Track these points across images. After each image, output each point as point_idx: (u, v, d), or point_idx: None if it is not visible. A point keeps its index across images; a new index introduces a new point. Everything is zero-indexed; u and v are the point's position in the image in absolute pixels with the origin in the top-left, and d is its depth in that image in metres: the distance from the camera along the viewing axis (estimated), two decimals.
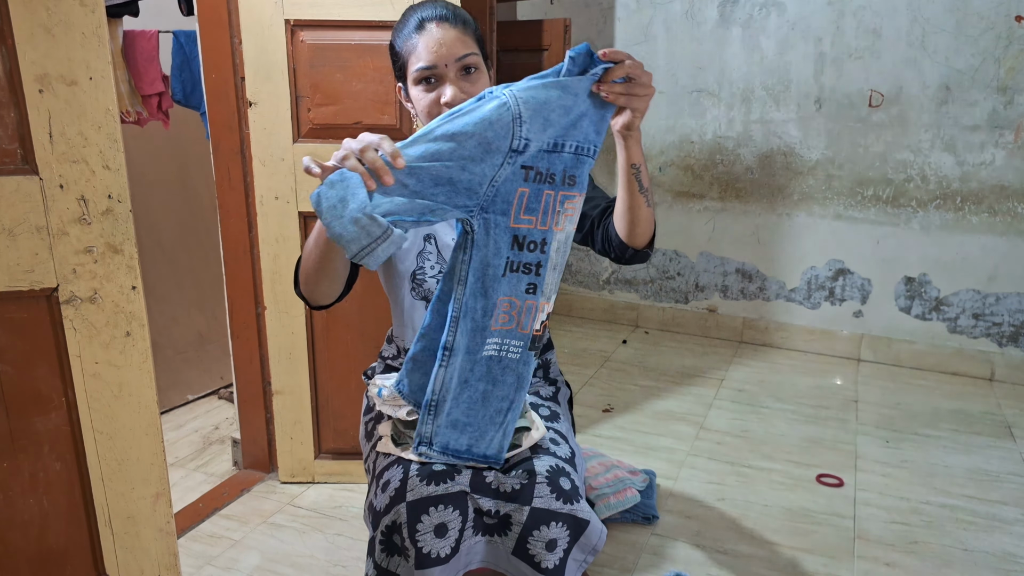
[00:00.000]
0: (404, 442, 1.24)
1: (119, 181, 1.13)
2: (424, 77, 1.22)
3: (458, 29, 1.22)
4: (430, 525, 1.12)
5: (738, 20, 3.19)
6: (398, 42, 1.25)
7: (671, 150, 3.45)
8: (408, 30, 1.23)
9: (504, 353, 1.11)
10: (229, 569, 1.80)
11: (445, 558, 1.13)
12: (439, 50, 1.20)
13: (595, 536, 1.19)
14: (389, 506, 1.15)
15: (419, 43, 1.21)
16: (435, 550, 1.12)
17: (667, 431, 2.55)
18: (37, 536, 1.19)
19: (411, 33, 1.22)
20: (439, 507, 1.13)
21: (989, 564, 1.83)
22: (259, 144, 1.91)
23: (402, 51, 1.24)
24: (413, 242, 1.35)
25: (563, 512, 1.16)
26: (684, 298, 3.61)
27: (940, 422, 2.64)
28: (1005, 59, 2.79)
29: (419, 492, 1.14)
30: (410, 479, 1.17)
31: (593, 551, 1.19)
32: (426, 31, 1.21)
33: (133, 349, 1.20)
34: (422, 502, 1.13)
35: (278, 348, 2.05)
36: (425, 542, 1.11)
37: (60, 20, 1.05)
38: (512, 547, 1.16)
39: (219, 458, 2.35)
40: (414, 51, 1.22)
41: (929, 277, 3.09)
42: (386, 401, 1.24)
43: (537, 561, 1.15)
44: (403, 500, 1.14)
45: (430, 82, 1.22)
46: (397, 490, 1.16)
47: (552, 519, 1.15)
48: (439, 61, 1.20)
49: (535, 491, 1.16)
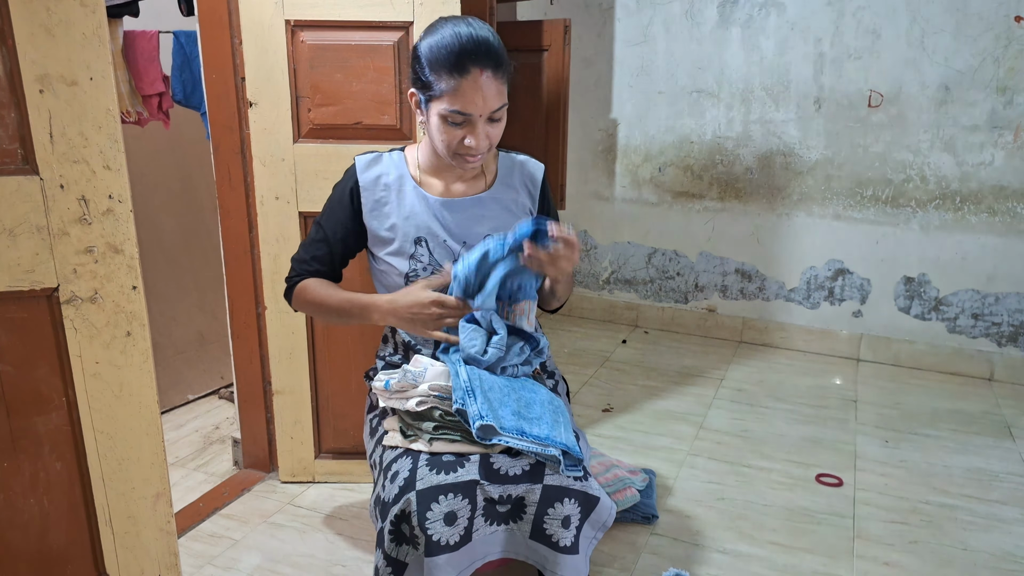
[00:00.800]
0: (412, 434, 1.25)
1: (120, 181, 1.14)
2: (455, 121, 1.23)
3: (499, 79, 1.22)
4: (439, 513, 1.13)
5: (738, 20, 3.20)
6: (431, 63, 1.21)
7: (670, 150, 3.45)
8: (449, 63, 1.19)
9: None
10: (229, 569, 1.80)
11: (454, 546, 1.14)
12: (478, 102, 1.21)
13: (605, 512, 1.22)
14: (398, 496, 1.16)
15: (461, 87, 1.19)
16: (444, 537, 1.13)
17: (667, 431, 2.55)
18: (37, 536, 1.19)
19: (452, 69, 1.19)
20: (448, 495, 1.15)
21: (988, 564, 1.84)
22: (259, 144, 1.91)
23: (435, 78, 1.21)
24: (403, 245, 1.36)
25: (575, 488, 1.18)
26: (684, 298, 3.62)
27: (939, 422, 2.64)
28: (1005, 59, 2.79)
29: (429, 481, 1.16)
30: (419, 468, 1.19)
31: (603, 527, 1.22)
32: (470, 78, 1.19)
33: (134, 349, 1.20)
34: (432, 490, 1.15)
35: (278, 348, 2.05)
36: (435, 530, 1.12)
37: (60, 20, 1.05)
38: (529, 531, 1.18)
39: (219, 458, 2.36)
40: (452, 91, 1.20)
41: (928, 277, 3.09)
42: (394, 394, 1.25)
43: (555, 540, 1.17)
44: (413, 489, 1.15)
45: (457, 123, 1.23)
46: (407, 480, 1.17)
47: (565, 495, 1.17)
48: (475, 112, 1.21)
49: (546, 469, 1.19)
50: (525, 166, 1.46)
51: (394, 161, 1.41)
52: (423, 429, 1.22)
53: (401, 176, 1.39)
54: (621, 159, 3.56)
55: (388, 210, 1.38)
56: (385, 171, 1.40)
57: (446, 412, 1.22)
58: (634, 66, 3.42)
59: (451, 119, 1.23)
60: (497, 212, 1.40)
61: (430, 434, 1.22)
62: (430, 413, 1.23)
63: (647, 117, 3.46)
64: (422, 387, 1.22)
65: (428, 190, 1.39)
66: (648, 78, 3.41)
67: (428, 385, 1.21)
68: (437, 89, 1.22)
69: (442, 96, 1.22)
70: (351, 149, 1.90)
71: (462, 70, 1.19)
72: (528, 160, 1.47)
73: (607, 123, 3.55)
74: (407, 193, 1.38)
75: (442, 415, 1.22)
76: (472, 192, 1.40)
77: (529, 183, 1.45)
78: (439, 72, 1.21)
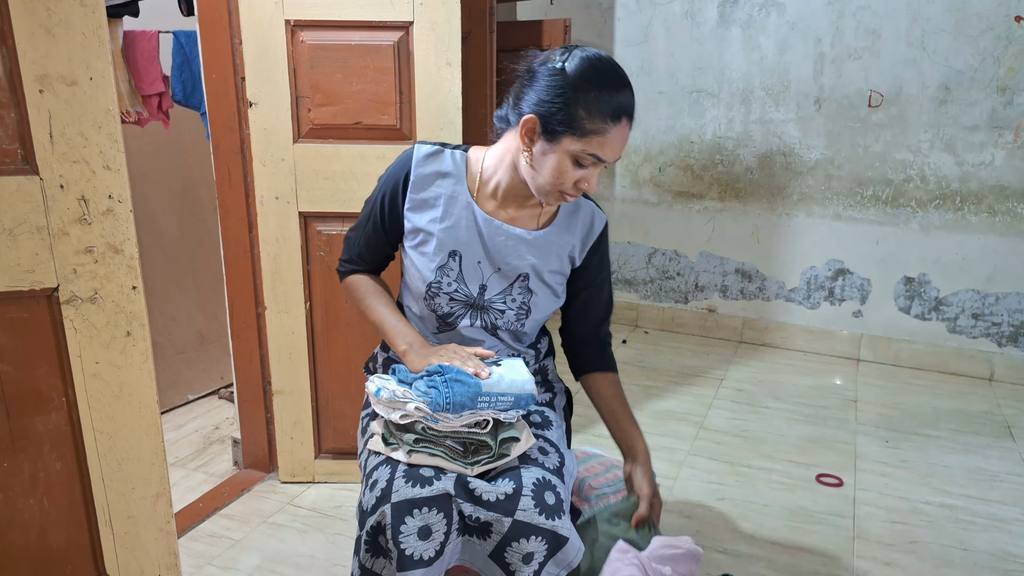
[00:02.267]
0: (393, 443, 1.24)
1: (119, 181, 1.14)
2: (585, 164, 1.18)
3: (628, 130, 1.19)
4: (413, 527, 1.12)
5: (738, 20, 3.20)
6: (589, 104, 1.13)
7: (671, 150, 3.45)
8: (611, 108, 1.13)
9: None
10: (229, 569, 1.80)
11: (428, 561, 1.12)
12: (617, 151, 1.17)
13: (572, 553, 1.18)
14: (375, 506, 1.15)
15: (611, 134, 1.14)
16: (418, 552, 1.11)
17: (667, 431, 2.55)
18: (37, 536, 1.19)
19: (610, 115, 1.13)
20: (423, 509, 1.13)
21: (988, 564, 1.84)
22: (259, 144, 1.91)
23: (583, 117, 1.13)
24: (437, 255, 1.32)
25: (544, 527, 1.15)
26: (684, 298, 3.62)
27: (940, 422, 2.64)
28: (1004, 59, 2.79)
29: (403, 494, 1.14)
30: (396, 479, 1.17)
31: (568, 567, 1.19)
32: (620, 127, 1.15)
33: (133, 349, 1.20)
34: (406, 504, 1.13)
35: (278, 348, 2.05)
36: (408, 544, 1.11)
37: (60, 20, 1.05)
38: (490, 551, 1.17)
39: (219, 458, 2.36)
40: (600, 136, 1.14)
41: (928, 277, 3.09)
42: (380, 402, 1.24)
43: (512, 571, 1.16)
44: (388, 501, 1.14)
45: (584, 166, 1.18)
46: (383, 490, 1.16)
47: (532, 532, 1.14)
48: (610, 160, 1.18)
49: (519, 503, 1.15)
50: (589, 213, 1.37)
51: (456, 162, 1.32)
52: (404, 440, 1.22)
53: (457, 182, 1.31)
54: (621, 159, 3.56)
55: (432, 212, 1.32)
56: (442, 170, 1.32)
57: (428, 427, 1.21)
58: (634, 66, 3.42)
59: (582, 162, 1.17)
60: (544, 253, 1.33)
61: (410, 446, 1.21)
62: (412, 426, 1.22)
63: (647, 117, 3.46)
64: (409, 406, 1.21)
65: (481, 204, 1.31)
66: (648, 78, 3.41)
67: (415, 406, 1.20)
68: (584, 129, 1.14)
69: (586, 137, 1.14)
70: (351, 149, 1.90)
71: (617, 118, 1.14)
72: (595, 209, 1.38)
73: None
74: (459, 203, 1.30)
75: (424, 429, 1.21)
76: (526, 225, 1.33)
77: (586, 231, 1.37)
78: (593, 113, 1.13)
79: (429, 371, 1.22)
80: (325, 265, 2.00)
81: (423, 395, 1.19)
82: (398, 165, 1.34)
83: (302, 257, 1.99)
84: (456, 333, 1.35)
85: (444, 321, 1.34)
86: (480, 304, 1.33)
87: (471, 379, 1.18)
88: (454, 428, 1.20)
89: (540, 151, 1.18)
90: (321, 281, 2.01)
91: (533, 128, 1.17)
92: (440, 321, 1.35)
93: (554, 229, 1.34)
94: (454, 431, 1.20)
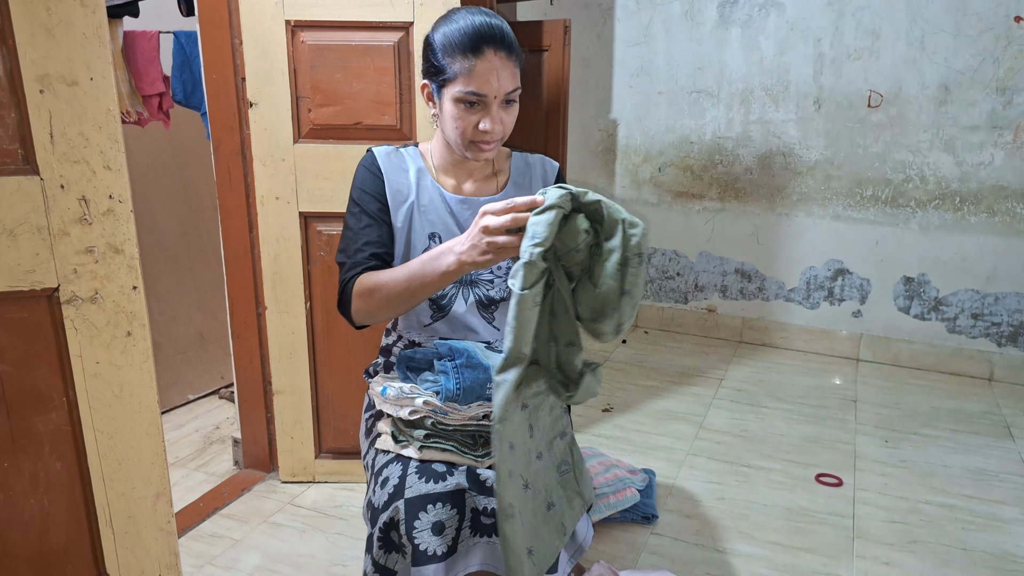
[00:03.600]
0: (404, 440, 1.25)
1: (120, 181, 1.14)
2: (469, 101, 1.21)
3: (512, 61, 1.22)
4: (427, 522, 1.13)
5: (737, 21, 3.20)
6: (444, 48, 1.21)
7: (670, 150, 3.46)
8: (463, 45, 1.19)
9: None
10: (230, 569, 1.80)
11: (442, 556, 1.13)
12: (494, 82, 1.20)
13: (581, 535, 1.22)
14: (388, 503, 1.16)
15: (475, 67, 1.19)
16: (432, 547, 1.12)
17: (666, 431, 2.55)
18: (38, 536, 1.19)
19: (467, 50, 1.19)
20: (437, 504, 1.14)
21: (988, 564, 1.84)
22: (260, 144, 1.91)
23: (447, 63, 1.21)
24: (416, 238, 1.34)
25: None
26: (683, 298, 3.62)
27: (939, 422, 2.64)
28: (1004, 59, 2.79)
29: (417, 489, 1.15)
30: (408, 476, 1.18)
31: (580, 549, 1.22)
32: (484, 58, 1.19)
33: (134, 349, 1.20)
34: (420, 499, 1.14)
35: (279, 348, 2.05)
36: (422, 539, 1.12)
37: (61, 20, 1.05)
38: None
39: (219, 458, 2.36)
40: (466, 73, 1.19)
41: (928, 277, 3.09)
42: (388, 400, 1.25)
43: None
44: (401, 497, 1.15)
45: (472, 105, 1.22)
46: (396, 487, 1.17)
47: None
48: (490, 92, 1.20)
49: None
50: (539, 165, 1.44)
51: (411, 154, 1.39)
52: (414, 436, 1.22)
53: (420, 169, 1.37)
54: (621, 159, 3.56)
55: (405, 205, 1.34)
56: (404, 162, 1.37)
57: (438, 421, 1.22)
58: (634, 66, 3.42)
59: (466, 100, 1.21)
60: None
61: (420, 442, 1.22)
62: (422, 421, 1.23)
63: (647, 117, 3.46)
64: (418, 401, 1.22)
65: (442, 184, 1.37)
66: (648, 78, 3.42)
67: (423, 400, 1.21)
68: (451, 72, 1.20)
69: (456, 79, 1.20)
70: (351, 149, 1.90)
71: (477, 51, 1.18)
72: (543, 159, 1.45)
73: (607, 123, 3.55)
74: (426, 186, 1.35)
75: (434, 424, 1.22)
76: (485, 192, 1.38)
77: (541, 180, 1.42)
78: (453, 54, 1.20)
79: (440, 354, 1.24)
80: (325, 265, 2.00)
81: (431, 386, 1.21)
82: (367, 171, 1.35)
83: (302, 257, 1.99)
84: (450, 319, 1.37)
85: (437, 305, 1.36)
86: (468, 279, 1.35)
87: (482, 363, 1.21)
88: (463, 421, 1.21)
89: (439, 112, 1.28)
90: (321, 281, 2.02)
91: (428, 94, 1.28)
92: (433, 307, 1.36)
93: (511, 188, 1.39)
94: (463, 424, 1.21)
